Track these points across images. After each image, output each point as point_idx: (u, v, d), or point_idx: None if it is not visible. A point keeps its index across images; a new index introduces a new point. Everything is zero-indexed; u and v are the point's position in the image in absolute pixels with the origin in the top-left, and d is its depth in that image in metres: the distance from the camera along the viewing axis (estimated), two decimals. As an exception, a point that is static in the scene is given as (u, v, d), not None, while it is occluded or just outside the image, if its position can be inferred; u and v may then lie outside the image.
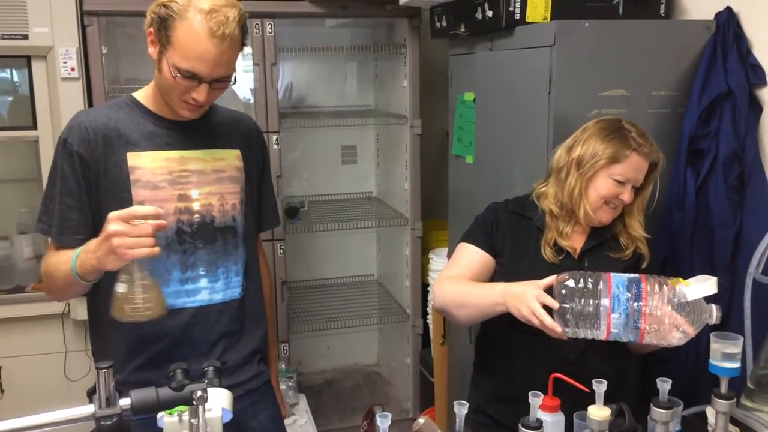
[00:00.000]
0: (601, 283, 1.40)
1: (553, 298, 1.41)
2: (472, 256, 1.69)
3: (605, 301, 1.38)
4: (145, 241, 1.28)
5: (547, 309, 1.41)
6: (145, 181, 1.46)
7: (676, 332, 1.38)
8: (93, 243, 1.34)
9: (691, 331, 1.38)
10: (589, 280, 1.41)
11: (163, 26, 1.38)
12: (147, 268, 1.32)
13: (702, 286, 1.36)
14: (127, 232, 1.27)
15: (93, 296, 1.55)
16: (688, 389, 1.72)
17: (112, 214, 1.29)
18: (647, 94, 1.95)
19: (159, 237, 1.36)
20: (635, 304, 1.37)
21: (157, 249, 1.29)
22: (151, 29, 1.42)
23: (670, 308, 1.37)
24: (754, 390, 1.43)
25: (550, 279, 1.44)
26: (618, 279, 1.41)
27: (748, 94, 1.87)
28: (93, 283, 1.42)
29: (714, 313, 1.37)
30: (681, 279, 1.40)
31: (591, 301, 1.39)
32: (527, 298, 1.42)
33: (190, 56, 1.37)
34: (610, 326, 1.38)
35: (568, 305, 1.40)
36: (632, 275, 1.42)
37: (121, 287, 1.31)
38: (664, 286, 1.39)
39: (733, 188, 1.86)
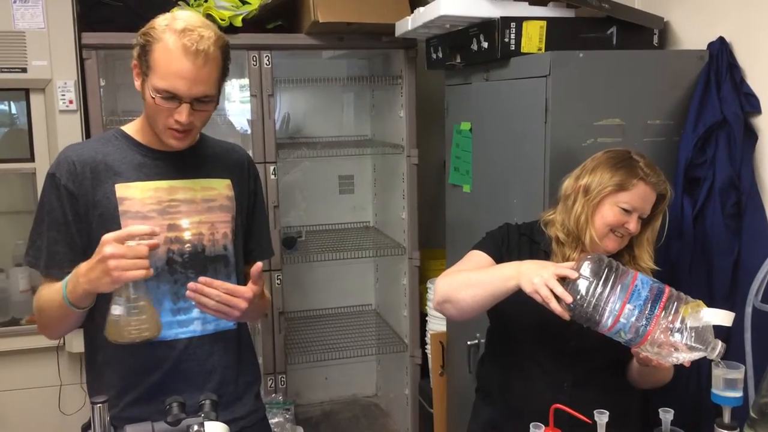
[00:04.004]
0: (626, 274, 1.38)
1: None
2: (481, 259, 1.67)
3: (625, 290, 1.36)
4: (141, 262, 1.28)
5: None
6: (134, 212, 1.46)
7: (676, 352, 1.36)
8: (83, 267, 1.33)
9: (686, 361, 1.36)
10: (615, 265, 1.39)
11: (144, 53, 1.42)
12: (141, 288, 1.32)
13: (719, 313, 1.34)
14: (123, 254, 1.27)
15: (89, 328, 1.54)
16: (690, 419, 1.70)
17: (107, 236, 1.29)
18: (642, 123, 1.97)
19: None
20: (653, 306, 1.35)
21: (151, 270, 1.30)
22: (135, 61, 1.46)
23: (680, 326, 1.35)
24: (756, 419, 1.41)
25: (570, 263, 1.43)
26: (643, 277, 1.39)
27: (743, 122, 1.89)
28: (86, 310, 1.40)
29: (717, 348, 1.34)
30: (702, 302, 1.38)
31: (610, 284, 1.36)
32: (542, 270, 1.40)
33: (166, 75, 1.39)
34: (620, 316, 1.35)
35: (586, 280, 1.37)
36: (658, 281, 1.40)
37: (117, 309, 1.31)
38: (683, 303, 1.37)
39: (731, 216, 1.86)
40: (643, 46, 2.13)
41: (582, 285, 1.37)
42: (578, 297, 1.36)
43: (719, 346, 1.34)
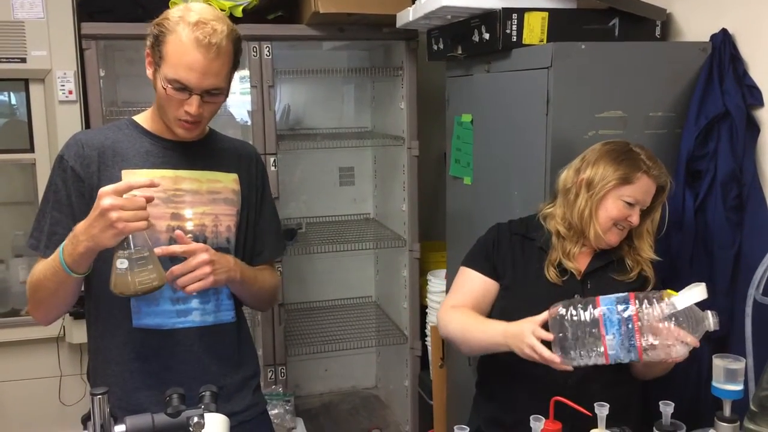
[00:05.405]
0: (590, 306, 1.40)
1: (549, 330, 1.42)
2: (473, 284, 1.70)
3: (598, 325, 1.38)
4: (142, 213, 1.29)
5: (548, 344, 1.42)
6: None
7: (677, 344, 1.37)
8: (81, 225, 1.32)
9: (692, 341, 1.38)
10: (579, 305, 1.41)
11: (157, 44, 1.43)
12: (142, 240, 1.33)
13: (691, 293, 1.36)
14: (123, 205, 1.27)
15: (90, 317, 1.55)
16: (690, 412, 1.70)
17: (105, 189, 1.29)
18: (644, 115, 1.96)
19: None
20: (627, 322, 1.37)
21: (151, 222, 1.32)
22: (148, 50, 1.47)
23: (665, 321, 1.36)
24: (756, 412, 1.41)
25: (543, 317, 1.45)
26: (606, 300, 1.41)
27: (745, 114, 1.88)
28: (81, 279, 1.39)
29: (711, 319, 1.36)
30: (670, 291, 1.40)
31: (584, 327, 1.39)
32: (525, 335, 1.44)
33: (178, 66, 1.40)
34: (607, 348, 1.38)
35: (563, 335, 1.40)
36: (620, 294, 1.42)
37: (123, 263, 1.30)
38: (654, 300, 1.38)
39: (732, 209, 1.86)
40: (646, 38, 2.12)
41: (562, 342, 1.41)
42: (566, 355, 1.41)
43: (710, 314, 1.36)
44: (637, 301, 1.39)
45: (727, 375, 1.35)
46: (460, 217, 2.55)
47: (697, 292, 1.35)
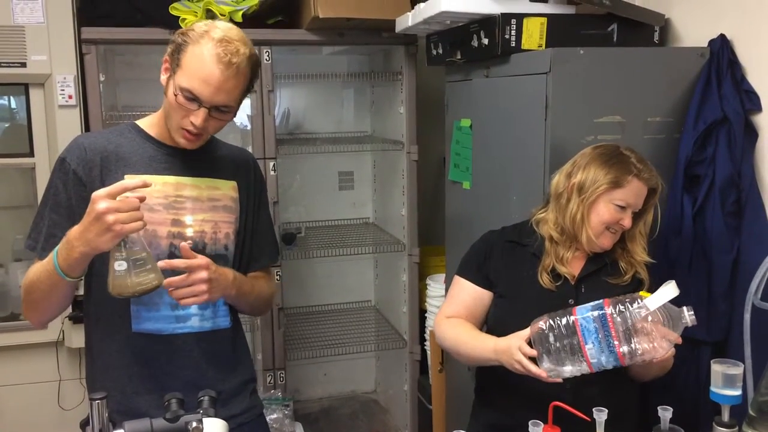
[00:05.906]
0: (567, 318, 1.41)
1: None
2: (466, 294, 1.72)
3: (576, 335, 1.39)
4: (137, 214, 1.29)
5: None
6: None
7: (660, 342, 1.38)
8: (75, 231, 1.31)
9: (675, 338, 1.38)
10: (557, 318, 1.42)
11: (177, 51, 1.44)
12: (137, 241, 1.33)
13: (662, 292, 1.37)
14: (118, 207, 1.27)
15: (87, 321, 1.55)
16: (689, 417, 1.70)
17: (99, 192, 1.28)
18: (642, 120, 1.96)
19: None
20: (603, 328, 1.38)
21: (145, 222, 1.32)
22: (167, 57, 1.48)
23: (643, 323, 1.37)
24: (755, 417, 1.42)
25: (525, 333, 1.47)
26: (582, 310, 1.42)
27: (743, 120, 1.89)
28: (75, 283, 1.39)
29: (687, 315, 1.37)
30: (643, 292, 1.41)
31: (564, 339, 1.41)
32: (512, 352, 1.47)
33: (193, 77, 1.40)
34: (588, 357, 1.39)
35: (546, 349, 1.42)
36: (595, 302, 1.43)
37: (122, 265, 1.31)
38: (627, 303, 1.39)
39: (731, 214, 1.86)
40: (644, 43, 2.13)
41: (546, 356, 1.43)
42: (551, 370, 1.43)
43: (685, 310, 1.37)
44: (611, 307, 1.39)
45: (726, 380, 1.36)
46: (460, 222, 2.55)
47: (668, 291, 1.36)
